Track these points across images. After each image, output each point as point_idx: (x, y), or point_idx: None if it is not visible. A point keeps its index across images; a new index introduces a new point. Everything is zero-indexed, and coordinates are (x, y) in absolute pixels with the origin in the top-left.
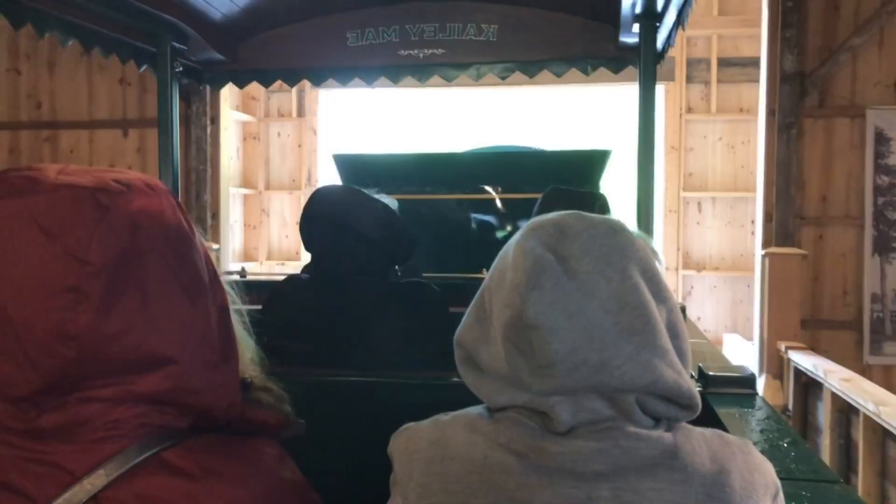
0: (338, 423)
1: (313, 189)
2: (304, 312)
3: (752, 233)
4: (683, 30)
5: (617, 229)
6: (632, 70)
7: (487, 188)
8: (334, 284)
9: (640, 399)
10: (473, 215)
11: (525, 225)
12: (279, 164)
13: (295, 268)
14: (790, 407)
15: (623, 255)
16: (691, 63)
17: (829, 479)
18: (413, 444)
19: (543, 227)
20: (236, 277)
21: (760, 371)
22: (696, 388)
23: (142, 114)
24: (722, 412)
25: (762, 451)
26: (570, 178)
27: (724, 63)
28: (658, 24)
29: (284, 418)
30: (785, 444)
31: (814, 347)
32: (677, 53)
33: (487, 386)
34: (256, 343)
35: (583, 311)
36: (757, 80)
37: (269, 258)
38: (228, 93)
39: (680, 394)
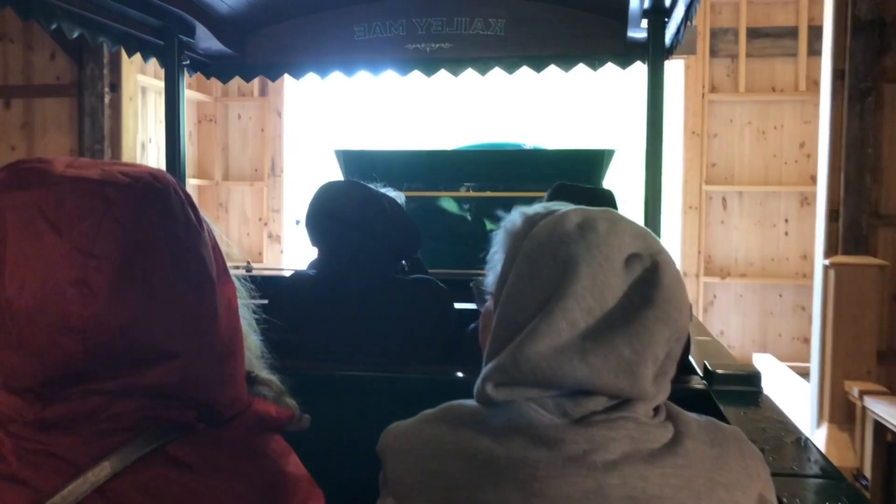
0: (343, 418)
1: (277, 180)
2: (310, 308)
3: (786, 233)
4: (692, 25)
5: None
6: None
7: (491, 186)
8: (341, 280)
9: None
10: (477, 213)
11: (573, 209)
12: (239, 152)
13: (258, 270)
14: (867, 474)
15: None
16: (716, 34)
17: (835, 476)
18: (406, 442)
19: (622, 224)
20: (242, 272)
21: (819, 419)
22: None
23: (28, 79)
24: (727, 410)
25: (768, 450)
26: (573, 176)
27: (753, 34)
28: (666, 20)
29: (291, 412)
30: (790, 442)
31: (890, 387)
32: (700, 23)
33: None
34: (262, 338)
35: None
36: (793, 54)
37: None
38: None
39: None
